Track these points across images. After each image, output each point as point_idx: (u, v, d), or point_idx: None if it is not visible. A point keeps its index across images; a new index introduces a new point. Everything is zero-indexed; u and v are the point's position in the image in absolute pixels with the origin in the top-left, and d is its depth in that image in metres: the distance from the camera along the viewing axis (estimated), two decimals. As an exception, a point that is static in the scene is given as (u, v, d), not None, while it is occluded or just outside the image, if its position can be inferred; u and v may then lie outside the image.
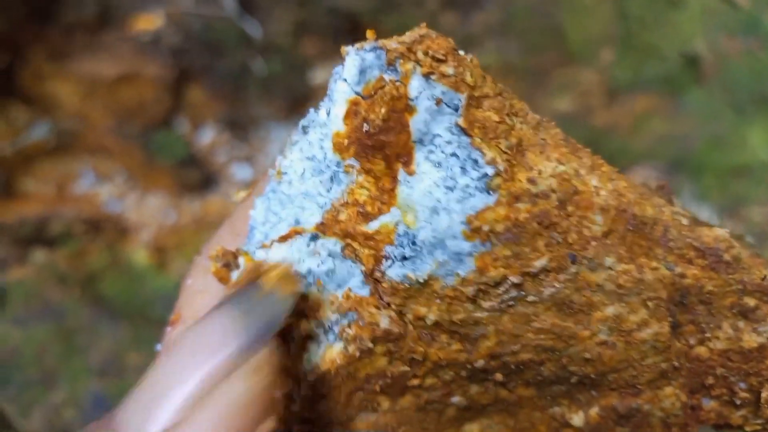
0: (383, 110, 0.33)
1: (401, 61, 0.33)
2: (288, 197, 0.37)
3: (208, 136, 1.23)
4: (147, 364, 0.39)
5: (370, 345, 0.36)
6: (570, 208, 0.34)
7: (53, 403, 1.08)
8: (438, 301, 0.35)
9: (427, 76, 0.33)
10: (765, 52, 1.56)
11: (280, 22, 1.25)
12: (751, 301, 0.37)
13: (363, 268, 0.35)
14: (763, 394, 0.38)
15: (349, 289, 0.35)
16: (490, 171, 0.33)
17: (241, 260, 0.37)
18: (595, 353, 0.37)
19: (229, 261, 0.37)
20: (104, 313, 1.10)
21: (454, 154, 0.34)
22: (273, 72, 1.23)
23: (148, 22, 1.15)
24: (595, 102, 1.43)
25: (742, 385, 0.38)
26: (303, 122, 0.37)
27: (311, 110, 0.37)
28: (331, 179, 0.35)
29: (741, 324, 0.37)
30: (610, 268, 0.36)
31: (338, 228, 0.35)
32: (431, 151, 0.34)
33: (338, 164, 0.35)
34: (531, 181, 0.34)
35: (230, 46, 1.17)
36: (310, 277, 0.36)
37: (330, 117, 0.35)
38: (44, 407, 1.08)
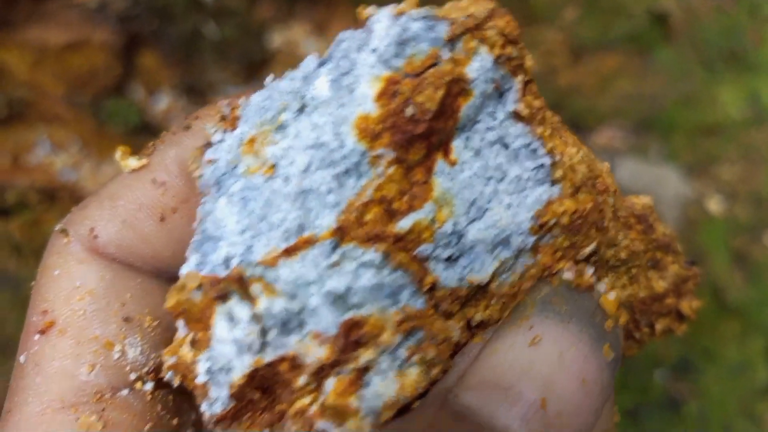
0: (440, 93, 0.29)
1: (467, 37, 0.29)
2: (283, 196, 0.30)
3: (163, 103, 1.22)
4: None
5: (451, 363, 0.31)
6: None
7: (11, 371, 1.09)
8: (493, 301, 0.32)
9: (496, 58, 0.30)
10: (736, 8, 1.54)
11: (234, -15, 1.23)
12: (659, 255, 0.40)
13: (412, 277, 0.30)
14: (657, 326, 0.42)
15: (407, 305, 0.30)
16: (547, 161, 0.31)
17: (257, 288, 0.29)
18: None
19: (227, 291, 0.29)
20: (60, 282, 1.11)
21: (497, 142, 0.31)
22: (227, 36, 1.22)
23: (95, -12, 1.13)
24: (559, 62, 1.41)
25: (645, 321, 0.41)
26: (287, 98, 0.30)
27: (288, 79, 0.31)
28: (347, 172, 0.29)
29: (653, 274, 0.40)
30: (617, 244, 0.37)
31: (362, 231, 0.29)
32: (469, 138, 0.31)
33: (362, 154, 0.29)
34: (573, 169, 0.32)
35: (180, 11, 1.15)
36: (354, 296, 0.29)
37: (354, 95, 0.29)
38: (1, 375, 1.09)
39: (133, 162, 0.37)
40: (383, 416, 0.30)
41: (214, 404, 0.31)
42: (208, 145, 0.33)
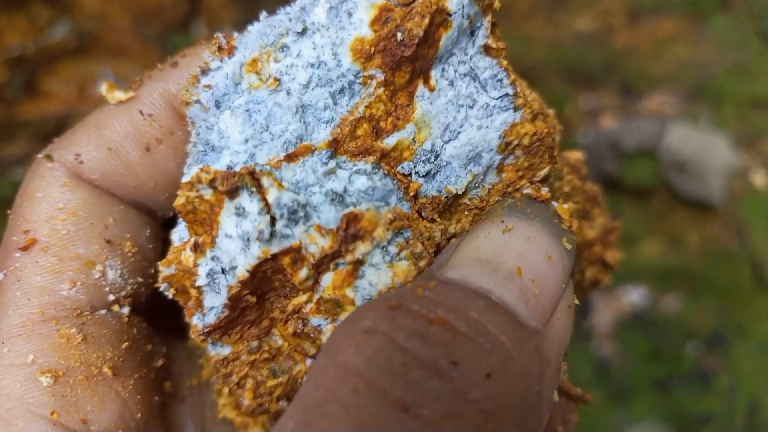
0: (426, 21, 0.32)
1: None
2: (285, 109, 0.33)
3: (225, 42, 1.25)
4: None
5: (433, 258, 0.35)
6: None
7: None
8: (465, 213, 0.36)
9: None
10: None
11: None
12: (588, 206, 0.46)
13: (399, 185, 0.34)
14: (587, 273, 0.47)
15: (396, 207, 0.33)
16: (510, 91, 0.34)
17: (268, 181, 0.31)
18: None
19: (238, 186, 0.32)
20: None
21: (467, 74, 0.34)
22: (290, -21, 1.24)
23: (167, -77, 1.15)
24: (616, 22, 1.41)
25: (577, 267, 0.45)
26: (288, 24, 0.33)
27: (283, 13, 0.33)
28: (342, 91, 0.33)
29: (584, 224, 0.45)
30: (562, 178, 0.42)
31: (353, 145, 0.33)
32: (444, 69, 0.34)
33: (356, 74, 0.32)
34: (529, 102, 0.36)
35: (248, -50, 1.17)
36: (350, 196, 0.33)
37: (351, 19, 0.32)
38: None
39: (119, 94, 0.37)
40: None
41: (207, 315, 0.33)
42: (203, 73, 0.35)
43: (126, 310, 0.37)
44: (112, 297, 0.37)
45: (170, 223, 0.39)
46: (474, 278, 0.30)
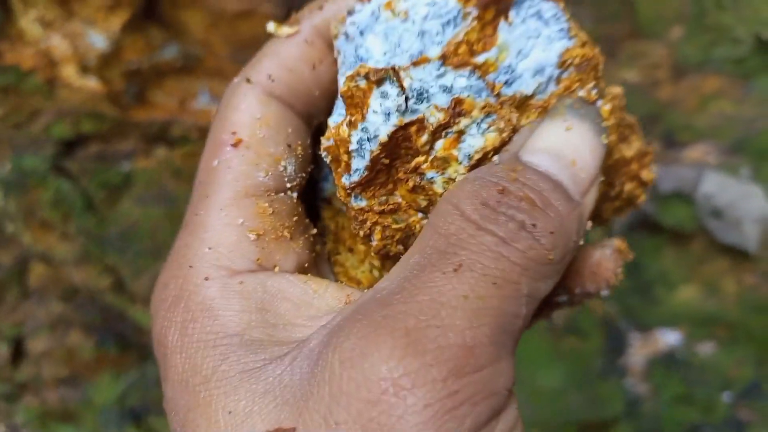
0: None
1: None
2: (410, 33, 0.45)
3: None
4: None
5: (513, 134, 0.50)
6: None
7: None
8: (533, 110, 0.50)
9: None
10: None
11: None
12: (626, 132, 0.56)
13: (487, 84, 0.47)
14: (626, 187, 0.57)
15: (486, 98, 0.46)
16: (566, 26, 0.49)
17: (404, 74, 0.44)
18: None
19: (383, 77, 0.43)
20: (207, 205, 1.27)
21: (535, 15, 0.48)
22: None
23: (268, -32, 1.31)
24: (662, 76, 1.49)
25: (618, 181, 0.57)
26: None
27: None
28: (448, 23, 0.45)
29: (623, 146, 0.56)
30: (605, 96, 0.54)
31: (456, 60, 0.45)
32: (518, 11, 0.47)
33: (458, 11, 0.45)
34: (579, 34, 0.51)
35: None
36: (455, 89, 0.45)
37: None
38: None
39: (286, 29, 0.50)
40: (473, 159, 0.46)
41: (352, 175, 0.45)
42: (349, 13, 0.47)
43: (295, 195, 0.51)
44: (288, 185, 0.50)
45: (318, 131, 0.53)
46: (545, 165, 0.44)
